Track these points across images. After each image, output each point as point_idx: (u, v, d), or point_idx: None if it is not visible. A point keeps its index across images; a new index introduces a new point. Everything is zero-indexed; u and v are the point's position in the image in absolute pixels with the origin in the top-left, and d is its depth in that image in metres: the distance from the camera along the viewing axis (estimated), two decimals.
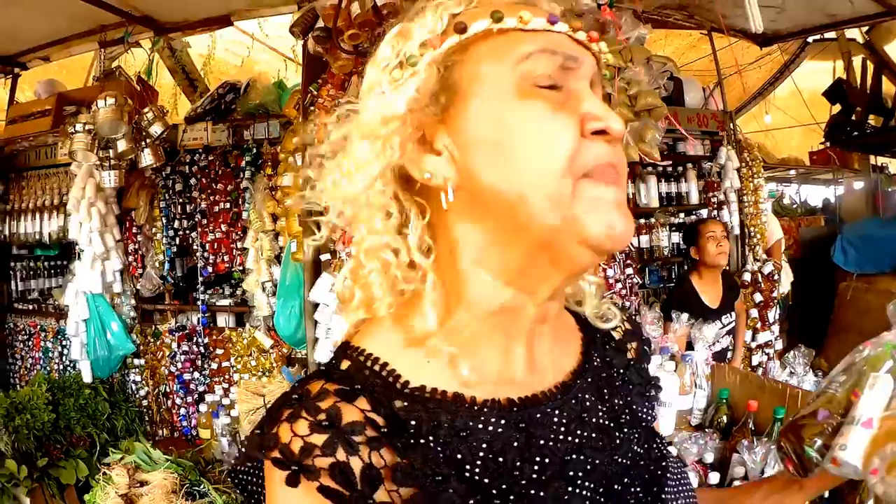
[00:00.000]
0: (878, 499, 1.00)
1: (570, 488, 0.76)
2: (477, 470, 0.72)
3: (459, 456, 0.72)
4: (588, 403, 0.83)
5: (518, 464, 0.74)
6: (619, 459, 0.83)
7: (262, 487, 0.81)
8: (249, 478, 0.86)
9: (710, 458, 2.43)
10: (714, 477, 2.29)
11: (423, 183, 0.77)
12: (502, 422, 0.75)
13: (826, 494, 1.67)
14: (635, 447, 0.86)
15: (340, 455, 0.67)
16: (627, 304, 3.81)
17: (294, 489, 0.67)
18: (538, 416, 0.77)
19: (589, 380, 0.86)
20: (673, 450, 2.37)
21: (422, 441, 0.71)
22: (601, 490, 0.79)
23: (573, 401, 0.81)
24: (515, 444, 0.75)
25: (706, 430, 2.71)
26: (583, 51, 0.76)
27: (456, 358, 0.77)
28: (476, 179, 0.73)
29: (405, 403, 0.73)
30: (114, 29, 4.18)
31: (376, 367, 0.77)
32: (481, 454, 0.72)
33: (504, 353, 0.80)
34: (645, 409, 0.93)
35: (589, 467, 0.78)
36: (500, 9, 0.73)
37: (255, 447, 0.70)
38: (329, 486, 0.66)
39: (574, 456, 0.78)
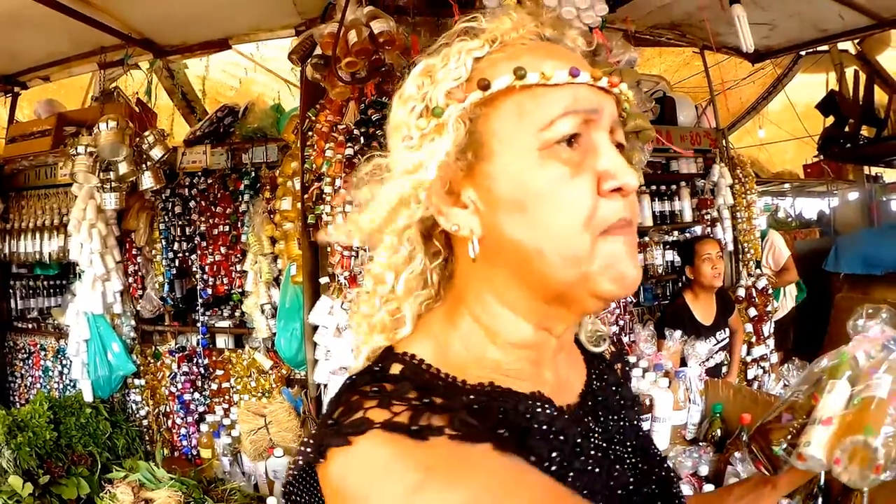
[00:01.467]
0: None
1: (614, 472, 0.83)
2: (544, 443, 0.76)
3: (531, 430, 0.76)
4: (592, 424, 0.88)
5: (579, 441, 0.79)
6: (624, 468, 0.90)
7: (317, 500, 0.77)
8: (305, 496, 0.81)
9: (704, 470, 2.47)
10: (709, 489, 2.33)
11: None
12: (554, 412, 0.80)
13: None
14: (632, 459, 0.92)
15: (449, 417, 0.69)
16: (621, 322, 3.84)
17: (418, 446, 0.65)
18: (566, 419, 0.83)
19: (590, 403, 0.91)
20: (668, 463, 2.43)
21: (493, 433, 0.72)
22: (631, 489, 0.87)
23: (585, 420, 0.88)
24: (578, 427, 0.83)
25: (700, 443, 2.75)
26: (604, 97, 0.79)
27: (498, 375, 0.81)
28: (499, 232, 0.78)
29: (472, 397, 0.76)
30: (113, 51, 4.21)
31: (433, 370, 0.79)
32: (544, 428, 0.76)
33: (535, 376, 0.84)
34: (637, 422, 1.01)
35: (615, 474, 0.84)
36: (522, 65, 0.76)
37: (337, 434, 0.67)
38: (458, 433, 0.67)
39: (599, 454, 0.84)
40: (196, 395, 4.24)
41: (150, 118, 4.40)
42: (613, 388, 0.98)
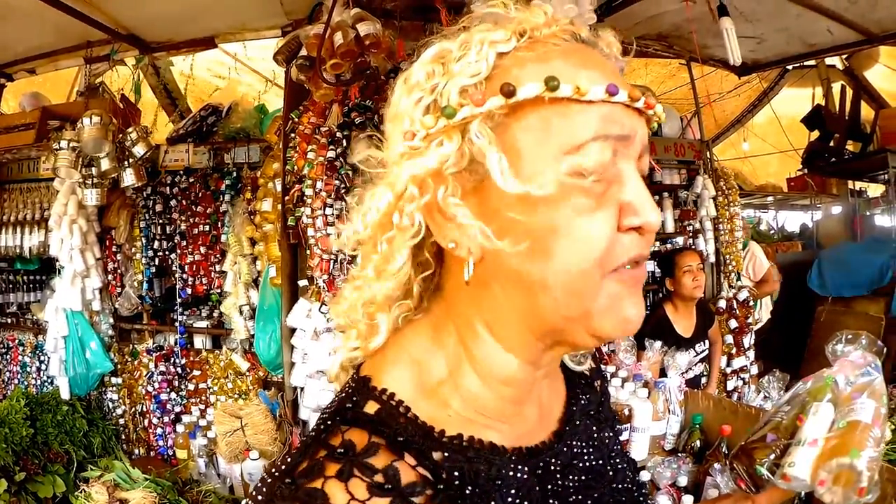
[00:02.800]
0: None
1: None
2: None
3: (493, 503, 0.71)
4: (576, 450, 0.85)
5: (556, 482, 0.77)
6: (609, 493, 0.88)
7: None
8: None
9: (683, 481, 2.47)
10: (688, 500, 2.33)
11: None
12: (525, 469, 0.75)
13: None
14: (626, 475, 0.92)
15: None
16: None
17: None
18: (541, 464, 0.79)
19: (577, 422, 0.88)
20: (647, 474, 2.43)
21: (466, 492, 0.69)
22: None
23: (565, 449, 0.83)
24: (537, 488, 0.76)
25: (679, 454, 2.75)
26: (637, 120, 0.71)
27: (473, 415, 0.77)
28: (501, 258, 0.70)
29: (445, 454, 0.71)
30: (100, 45, 4.19)
31: (410, 415, 0.73)
32: (510, 500, 0.72)
33: (516, 413, 0.80)
34: (618, 438, 0.98)
35: (592, 500, 0.83)
36: (555, 73, 0.66)
37: (291, 500, 0.62)
38: None
39: (576, 497, 0.81)
40: (173, 395, 4.21)
41: (134, 115, 4.38)
42: (598, 405, 0.96)
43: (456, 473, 0.70)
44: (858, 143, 5.98)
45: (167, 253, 4.29)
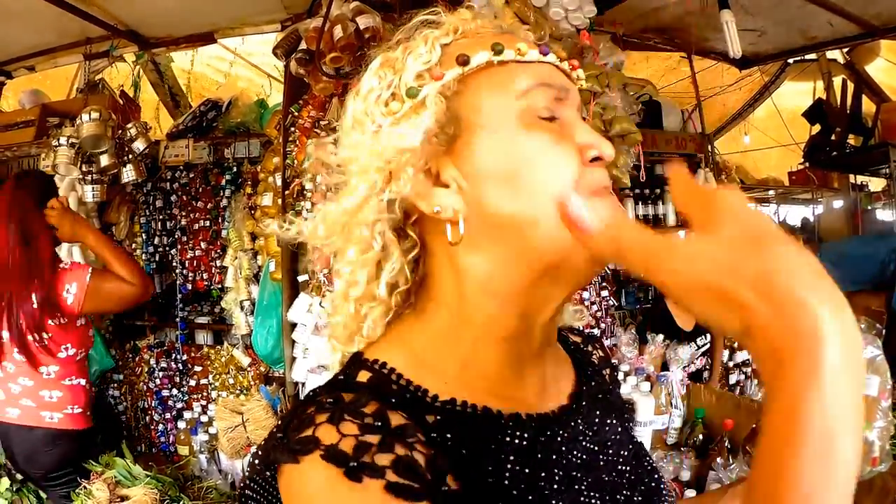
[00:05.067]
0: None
1: (581, 498, 0.81)
2: (506, 482, 0.74)
3: (490, 468, 0.73)
4: (582, 427, 0.86)
5: (543, 474, 0.77)
6: (613, 476, 0.87)
7: None
8: (259, 498, 0.74)
9: (686, 476, 2.47)
10: (690, 494, 2.33)
11: (429, 216, 0.79)
12: (525, 436, 0.77)
13: None
14: (624, 466, 0.90)
15: (400, 450, 0.64)
16: (603, 325, 3.84)
17: (352, 489, 0.60)
18: (548, 432, 0.80)
19: (584, 403, 0.89)
20: None
21: (457, 453, 0.72)
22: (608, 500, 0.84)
23: (572, 423, 0.85)
24: (539, 455, 0.78)
25: (682, 448, 2.75)
26: (568, 82, 0.82)
27: (471, 381, 0.79)
28: (485, 209, 0.76)
29: (437, 417, 0.74)
30: (99, 42, 4.19)
31: (402, 382, 0.77)
32: (508, 465, 0.74)
33: (517, 378, 0.82)
34: (629, 426, 0.99)
35: (591, 480, 0.82)
36: (499, 41, 0.78)
37: (285, 451, 0.64)
38: (397, 481, 0.61)
39: (577, 473, 0.81)
40: (174, 391, 4.21)
41: (134, 111, 4.37)
42: (605, 393, 0.97)
43: (448, 436, 0.73)
44: (860, 137, 5.96)
45: (168, 249, 4.29)
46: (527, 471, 0.75)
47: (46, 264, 2.81)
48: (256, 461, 0.71)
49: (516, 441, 0.76)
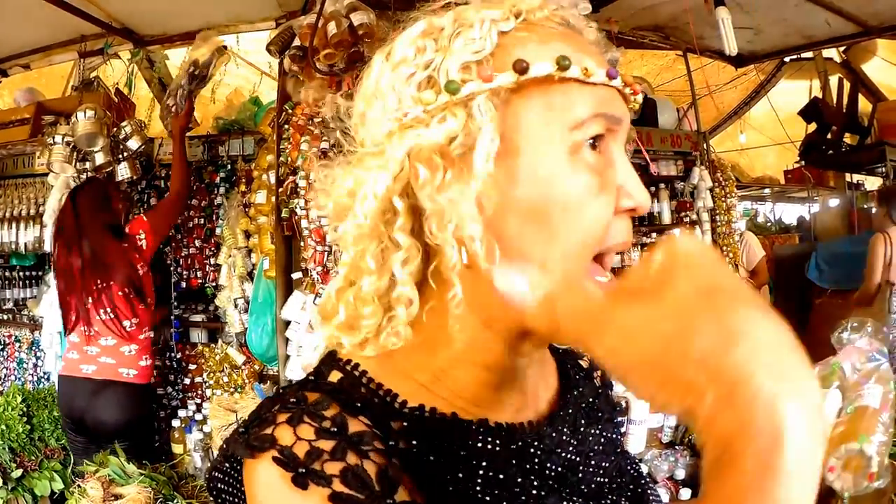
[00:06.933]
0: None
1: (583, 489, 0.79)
2: (478, 488, 0.70)
3: (461, 475, 0.69)
4: (564, 437, 0.82)
5: (520, 480, 0.72)
6: (593, 487, 0.83)
7: (239, 499, 0.70)
8: (227, 487, 0.71)
9: (681, 474, 2.47)
10: (685, 493, 2.32)
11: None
12: (497, 442, 0.73)
13: None
14: (604, 478, 0.86)
15: (352, 459, 0.62)
16: None
17: (297, 495, 0.60)
18: (520, 442, 0.76)
19: (563, 414, 0.84)
20: (644, 467, 2.42)
21: (423, 460, 0.69)
22: None
23: (553, 434, 0.80)
24: (514, 461, 0.73)
25: (677, 447, 2.74)
26: (625, 107, 0.72)
27: (444, 394, 0.75)
28: (501, 239, 0.68)
29: (404, 424, 0.70)
30: (94, 39, 4.19)
31: (372, 385, 0.73)
32: (481, 472, 0.70)
33: (492, 402, 0.77)
34: (616, 434, 0.94)
35: (570, 491, 0.78)
36: (565, 50, 0.67)
37: (243, 446, 0.64)
38: (342, 491, 0.59)
39: (555, 484, 0.77)
40: (168, 389, 4.20)
41: (129, 108, 4.37)
42: (590, 400, 0.91)
43: (414, 442, 0.69)
44: (856, 135, 5.98)
45: (162, 246, 4.26)
46: (501, 477, 0.71)
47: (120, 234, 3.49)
48: (223, 448, 0.70)
49: (488, 447, 0.72)
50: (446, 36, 0.69)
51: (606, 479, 0.86)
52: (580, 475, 0.82)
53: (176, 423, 3.71)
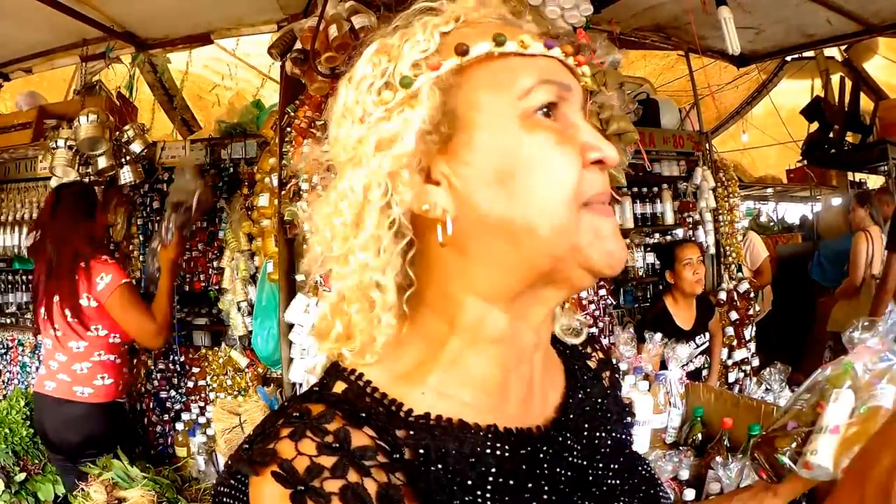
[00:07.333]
0: None
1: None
2: (488, 495, 0.71)
3: (470, 482, 0.71)
4: (570, 442, 0.83)
5: (530, 486, 0.74)
6: (604, 490, 0.84)
7: None
8: (233, 501, 0.72)
9: (685, 475, 2.45)
10: (690, 494, 2.31)
11: (420, 215, 0.75)
12: (507, 448, 0.74)
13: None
14: (615, 480, 0.87)
15: (353, 477, 0.63)
16: (601, 324, 3.83)
17: None
18: (528, 448, 0.77)
19: (572, 416, 0.86)
20: None
21: (432, 469, 0.69)
22: None
23: (560, 439, 0.81)
24: (524, 466, 0.75)
25: (681, 447, 2.73)
26: (573, 78, 0.78)
27: (451, 389, 0.76)
28: (477, 210, 0.72)
29: (410, 432, 0.71)
30: (96, 43, 4.19)
31: (377, 395, 0.74)
32: (491, 479, 0.71)
33: (502, 385, 0.79)
34: (625, 436, 0.95)
35: (581, 494, 0.80)
36: (501, 31, 0.73)
37: (245, 462, 0.65)
38: (358, 493, 0.62)
39: (565, 488, 0.78)
40: (172, 392, 4.20)
41: (131, 112, 4.37)
42: (599, 401, 0.92)
43: (421, 451, 0.70)
44: (858, 134, 5.97)
45: None
46: (511, 483, 0.73)
47: (84, 255, 3.10)
48: (228, 465, 0.71)
49: (497, 453, 0.74)
50: (396, 47, 0.76)
51: (618, 481, 0.87)
52: (591, 478, 0.83)
53: (179, 426, 3.71)
